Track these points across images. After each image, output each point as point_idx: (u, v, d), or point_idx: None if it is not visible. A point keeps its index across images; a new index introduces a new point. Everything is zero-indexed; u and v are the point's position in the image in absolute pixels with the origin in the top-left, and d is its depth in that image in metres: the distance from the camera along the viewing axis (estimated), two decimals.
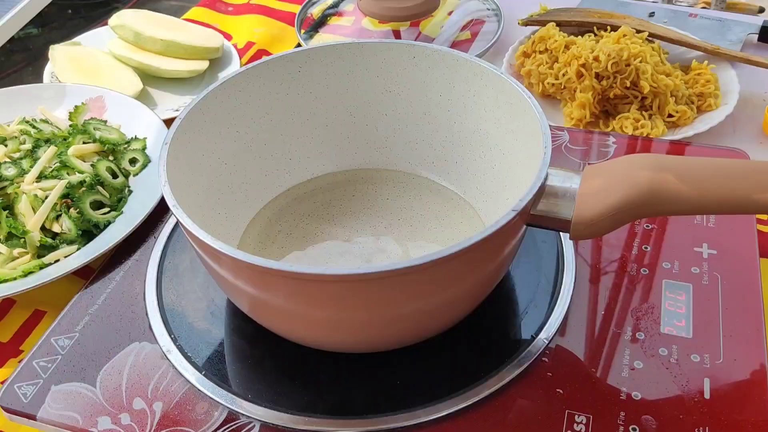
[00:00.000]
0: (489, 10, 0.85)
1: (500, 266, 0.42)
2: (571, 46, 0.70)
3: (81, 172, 0.57)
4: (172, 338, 0.46)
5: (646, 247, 0.51)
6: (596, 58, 0.66)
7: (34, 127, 0.62)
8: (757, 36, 0.79)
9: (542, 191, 0.41)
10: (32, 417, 0.43)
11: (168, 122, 0.65)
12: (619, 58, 0.65)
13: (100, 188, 0.57)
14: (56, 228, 0.54)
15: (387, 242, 0.51)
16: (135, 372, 0.44)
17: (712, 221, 0.53)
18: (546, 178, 0.41)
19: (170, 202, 0.40)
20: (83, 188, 0.56)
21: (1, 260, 0.52)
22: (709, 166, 0.38)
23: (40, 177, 0.57)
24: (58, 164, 0.58)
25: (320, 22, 0.86)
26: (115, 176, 0.59)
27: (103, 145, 0.61)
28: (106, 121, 0.65)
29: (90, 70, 0.74)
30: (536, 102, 0.45)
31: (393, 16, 0.84)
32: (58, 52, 0.75)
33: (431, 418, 0.41)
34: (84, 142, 0.61)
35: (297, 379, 0.44)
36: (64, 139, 0.61)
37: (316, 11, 0.88)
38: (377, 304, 0.38)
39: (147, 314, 0.48)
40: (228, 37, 0.84)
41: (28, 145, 0.60)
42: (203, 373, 0.44)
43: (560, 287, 0.48)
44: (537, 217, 0.41)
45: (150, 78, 0.76)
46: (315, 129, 0.55)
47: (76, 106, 0.65)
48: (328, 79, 0.53)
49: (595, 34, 0.73)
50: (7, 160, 0.59)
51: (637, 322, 0.46)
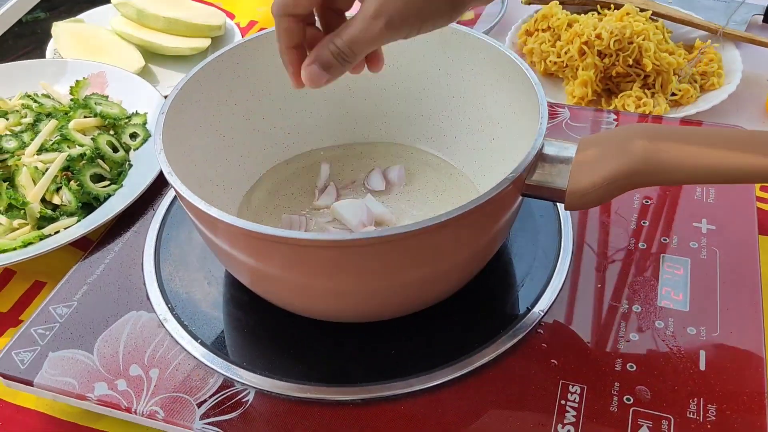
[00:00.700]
0: None
1: (496, 236, 0.42)
2: (573, 24, 0.70)
3: (81, 146, 0.58)
4: (168, 307, 0.46)
5: (644, 222, 0.51)
6: (599, 36, 0.66)
7: (35, 101, 0.63)
8: (762, 17, 0.78)
9: (537, 160, 0.41)
10: (29, 383, 0.43)
11: None
12: (621, 36, 0.65)
13: (100, 161, 0.58)
14: (56, 200, 0.55)
15: (385, 215, 0.51)
16: (132, 340, 0.45)
17: (711, 197, 0.52)
18: (542, 148, 0.41)
19: (165, 169, 0.40)
20: (83, 161, 0.57)
21: (1, 231, 0.53)
22: (705, 135, 0.38)
23: (41, 150, 0.57)
24: (58, 137, 0.58)
25: None
26: (115, 150, 0.60)
27: (104, 119, 0.61)
28: (107, 97, 0.65)
29: (93, 47, 0.74)
30: (533, 73, 0.45)
31: None
32: (60, 29, 0.75)
33: (425, 386, 0.41)
34: (85, 117, 0.61)
35: (292, 348, 0.44)
36: (65, 114, 0.61)
37: None
38: (371, 272, 0.38)
39: (144, 284, 0.48)
40: (230, 15, 0.84)
41: (29, 119, 0.61)
42: (199, 341, 0.44)
43: (557, 261, 0.48)
44: (532, 187, 0.41)
45: (152, 55, 0.76)
46: (313, 103, 0.55)
47: (77, 81, 0.65)
48: None
49: (599, 13, 0.73)
50: (8, 133, 0.59)
51: (633, 295, 0.46)
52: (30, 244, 0.52)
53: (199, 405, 0.41)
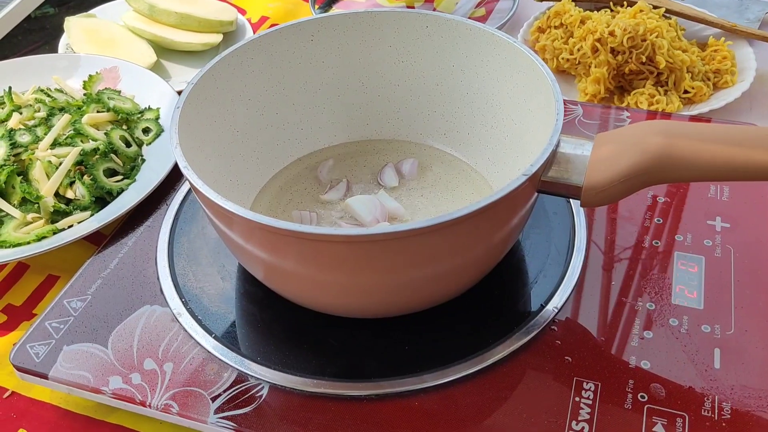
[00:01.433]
0: None
1: (511, 233, 0.42)
2: (586, 21, 0.69)
3: (95, 140, 0.58)
4: (182, 302, 0.46)
5: (658, 220, 0.51)
6: (612, 33, 0.66)
7: (48, 95, 0.63)
8: None
9: (553, 157, 0.41)
10: (44, 376, 0.43)
11: (181, 94, 0.65)
12: (635, 33, 0.65)
13: (113, 156, 0.58)
14: (70, 194, 0.55)
15: (398, 211, 0.50)
16: (146, 334, 0.45)
17: (726, 195, 0.52)
18: (558, 145, 0.41)
19: (181, 163, 0.40)
20: (97, 156, 0.57)
21: (15, 225, 0.53)
22: (722, 132, 0.38)
23: (54, 144, 0.57)
24: (72, 132, 0.58)
25: None
26: (128, 145, 0.60)
27: (117, 114, 0.62)
28: (120, 92, 0.65)
29: (105, 42, 0.74)
30: (549, 70, 0.45)
31: None
32: (73, 24, 0.75)
33: (439, 382, 0.41)
34: (98, 111, 0.61)
35: (306, 343, 0.44)
36: (79, 108, 0.61)
37: None
38: (386, 268, 0.38)
39: (158, 278, 0.48)
40: (242, 11, 0.84)
41: (42, 113, 0.61)
42: (213, 335, 0.44)
43: (571, 258, 0.48)
44: (548, 183, 0.41)
45: (164, 50, 0.76)
46: (327, 99, 0.55)
47: (90, 75, 0.65)
48: (340, 48, 0.53)
49: (612, 10, 0.73)
50: (22, 127, 0.59)
51: (648, 293, 0.46)
52: (44, 238, 0.52)
53: (214, 399, 0.41)
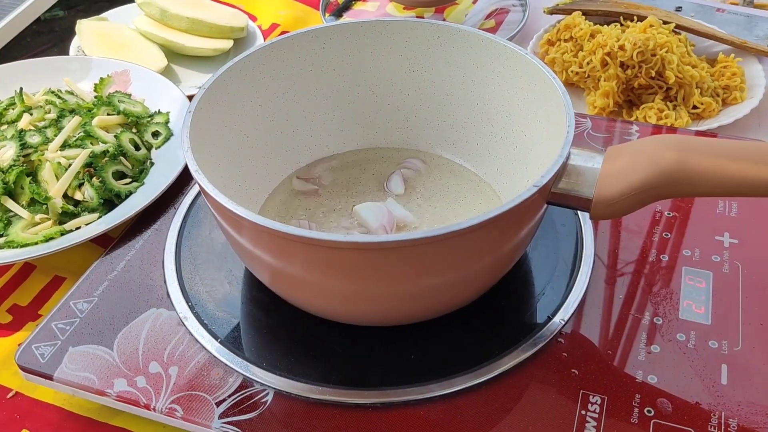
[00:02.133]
0: None
1: (519, 244, 0.42)
2: (596, 35, 0.69)
3: (104, 143, 0.58)
4: (189, 306, 0.46)
5: (666, 234, 0.51)
6: (622, 47, 0.66)
7: (59, 97, 0.63)
8: None
9: (564, 169, 0.41)
10: (49, 377, 0.43)
11: (191, 99, 0.65)
12: (645, 48, 0.65)
13: (122, 159, 0.58)
14: (78, 196, 0.55)
15: (406, 218, 0.50)
16: (152, 337, 0.45)
17: (734, 211, 0.52)
18: (568, 157, 0.41)
19: (192, 167, 0.40)
20: (106, 158, 0.57)
21: (23, 225, 0.53)
22: (735, 147, 0.38)
23: (64, 146, 0.58)
24: (82, 134, 0.58)
25: (345, 6, 0.86)
26: (137, 148, 0.60)
27: (127, 117, 0.62)
28: (130, 95, 0.65)
29: (116, 46, 0.74)
30: (560, 82, 0.45)
31: (418, 1, 0.83)
32: (84, 27, 0.76)
33: (445, 392, 0.41)
34: (108, 114, 0.61)
35: (312, 350, 0.44)
36: (89, 110, 0.62)
37: None
38: (394, 276, 0.38)
39: (165, 281, 0.48)
40: (253, 18, 0.85)
41: (52, 115, 0.61)
42: (219, 340, 0.44)
43: (578, 270, 0.48)
44: (558, 195, 0.41)
45: (174, 55, 0.76)
46: (337, 106, 0.55)
47: (101, 78, 0.66)
48: (351, 56, 0.54)
49: (621, 24, 0.73)
50: (32, 128, 0.59)
51: (655, 307, 0.46)
52: (51, 239, 0.52)
53: (218, 404, 0.41)
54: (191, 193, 0.55)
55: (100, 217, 0.54)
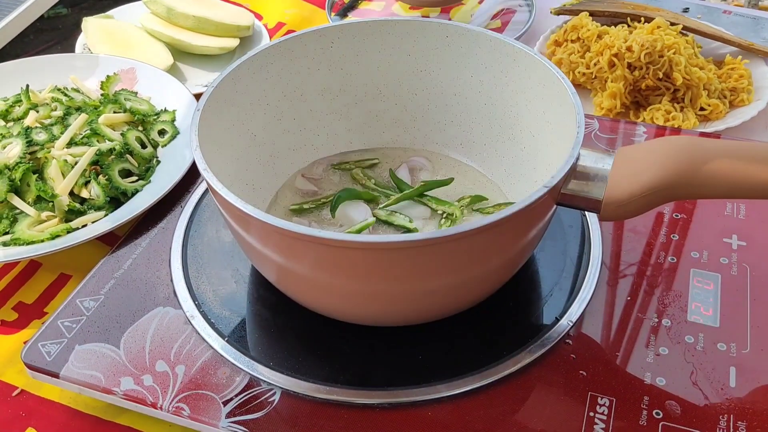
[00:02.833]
0: None
1: (528, 244, 0.42)
2: (604, 36, 0.69)
3: (111, 141, 0.58)
4: (196, 304, 0.46)
5: (674, 236, 0.50)
6: (629, 48, 0.66)
7: (65, 95, 0.63)
8: None
9: (574, 170, 0.40)
10: (55, 375, 0.43)
11: (197, 97, 0.65)
12: (652, 49, 0.65)
13: (128, 157, 0.58)
14: (84, 194, 0.55)
15: (414, 222, 0.50)
16: (158, 335, 0.45)
17: (742, 213, 0.52)
18: (578, 158, 0.41)
19: (201, 165, 0.40)
20: (112, 156, 0.57)
21: (29, 223, 0.53)
22: (747, 149, 0.37)
23: (71, 143, 0.57)
24: (88, 132, 0.58)
25: (350, 6, 0.86)
26: (143, 146, 0.60)
27: (133, 115, 0.62)
28: (136, 93, 0.65)
29: (122, 43, 0.74)
30: (569, 82, 0.45)
31: (424, 1, 0.83)
32: (90, 24, 0.75)
33: (452, 393, 0.41)
34: (114, 112, 0.61)
35: (319, 350, 0.44)
36: (95, 108, 0.62)
37: None
38: (403, 276, 0.38)
39: (172, 280, 0.48)
40: (259, 16, 0.84)
41: (59, 112, 0.61)
42: (226, 339, 0.44)
43: (586, 272, 0.48)
44: (567, 196, 0.41)
45: (180, 53, 0.76)
46: (344, 106, 0.55)
47: (108, 76, 0.66)
48: (359, 56, 0.53)
49: (629, 25, 0.73)
50: (38, 125, 0.59)
51: (663, 309, 0.46)
52: (57, 236, 0.52)
53: (225, 403, 0.41)
54: (198, 192, 0.55)
55: (106, 215, 0.54)
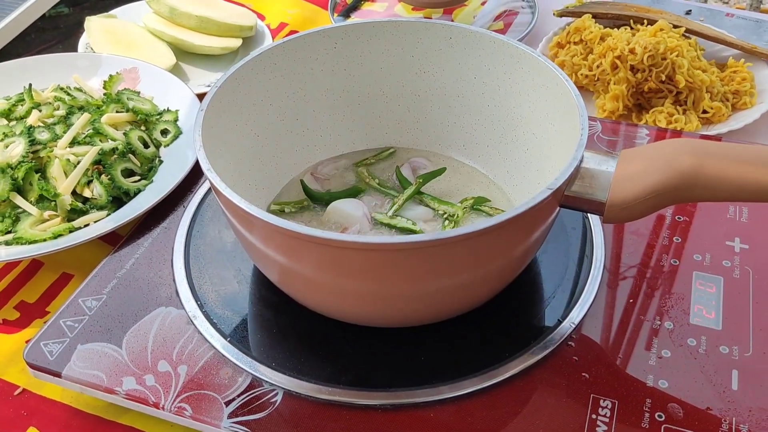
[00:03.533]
0: (524, 0, 0.84)
1: (532, 246, 0.42)
2: (606, 38, 0.69)
3: (113, 140, 0.58)
4: (198, 304, 0.46)
5: (677, 239, 0.50)
6: (632, 51, 0.66)
7: (68, 94, 0.63)
8: None
9: (577, 172, 0.40)
10: (57, 374, 0.43)
11: (200, 97, 0.65)
12: (655, 51, 0.65)
13: (131, 156, 0.58)
14: (87, 193, 0.55)
15: (416, 223, 0.50)
16: (161, 335, 0.44)
17: (744, 216, 0.52)
18: (582, 160, 0.41)
19: (204, 166, 0.40)
20: (115, 155, 0.57)
21: (31, 222, 0.53)
22: (750, 152, 0.37)
23: (73, 143, 0.57)
24: (91, 131, 0.58)
25: (353, 6, 0.86)
26: (146, 146, 0.60)
27: (136, 115, 0.62)
28: (139, 92, 0.65)
29: (124, 43, 0.74)
30: (573, 85, 0.45)
31: (426, 2, 0.83)
32: (93, 24, 0.75)
33: (455, 394, 0.41)
34: (117, 111, 0.61)
35: (321, 351, 0.44)
36: (98, 108, 0.62)
37: None
38: (406, 277, 0.38)
39: (174, 280, 0.48)
40: (261, 17, 0.85)
41: (62, 112, 0.61)
42: (228, 339, 0.44)
43: (588, 274, 0.48)
44: (571, 198, 0.41)
45: (183, 53, 0.76)
46: (347, 106, 0.55)
47: (110, 76, 0.66)
48: (362, 56, 0.53)
49: (632, 28, 0.73)
50: (41, 124, 0.59)
51: (665, 311, 0.46)
52: (60, 236, 0.52)
53: (227, 403, 0.41)
54: (200, 192, 0.55)
55: (108, 215, 0.54)
